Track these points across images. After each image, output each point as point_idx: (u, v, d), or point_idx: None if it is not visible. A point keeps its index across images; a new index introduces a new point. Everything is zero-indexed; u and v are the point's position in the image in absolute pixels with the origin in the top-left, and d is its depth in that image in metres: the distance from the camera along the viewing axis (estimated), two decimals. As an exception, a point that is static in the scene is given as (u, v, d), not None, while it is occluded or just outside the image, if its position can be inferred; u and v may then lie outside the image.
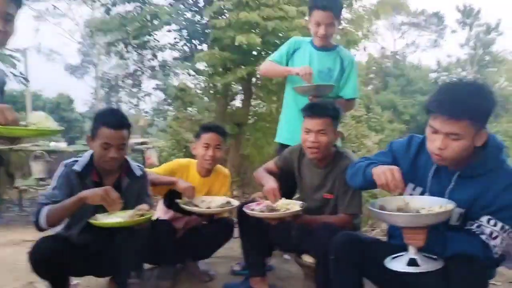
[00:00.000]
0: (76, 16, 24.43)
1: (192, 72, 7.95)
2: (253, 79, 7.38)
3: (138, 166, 2.33)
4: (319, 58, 2.84)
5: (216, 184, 2.80)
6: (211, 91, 7.43)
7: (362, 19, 7.22)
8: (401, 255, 1.67)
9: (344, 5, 6.97)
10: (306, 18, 2.87)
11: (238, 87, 7.68)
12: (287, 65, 2.88)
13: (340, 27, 6.68)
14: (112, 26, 6.74)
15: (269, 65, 2.97)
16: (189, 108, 9.85)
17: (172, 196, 2.61)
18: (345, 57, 2.89)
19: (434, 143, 1.61)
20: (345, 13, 7.34)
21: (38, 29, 32.09)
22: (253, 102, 7.78)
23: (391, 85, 24.00)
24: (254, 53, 5.99)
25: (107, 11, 6.79)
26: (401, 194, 1.73)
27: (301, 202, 2.29)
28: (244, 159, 7.57)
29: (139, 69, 8.39)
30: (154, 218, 2.21)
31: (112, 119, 2.11)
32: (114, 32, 7.04)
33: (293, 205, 2.24)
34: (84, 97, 30.05)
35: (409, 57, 30.48)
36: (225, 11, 5.77)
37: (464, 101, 1.53)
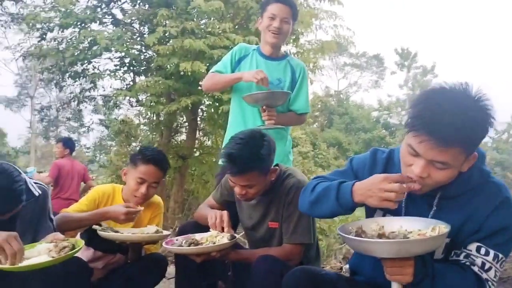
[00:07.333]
0: (11, 45, 23.08)
1: (134, 104, 7.63)
2: (199, 111, 7.17)
3: (36, 183, 1.88)
4: (267, 68, 2.46)
5: (147, 214, 2.35)
6: (154, 123, 7.11)
7: (309, 53, 7.26)
8: None
9: (291, 40, 7.05)
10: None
11: (183, 120, 7.41)
12: None
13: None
14: (47, 51, 6.31)
15: (212, 77, 2.53)
16: (133, 143, 9.51)
17: (92, 231, 2.11)
18: (296, 67, 2.55)
19: (413, 169, 1.26)
20: (291, 47, 7.41)
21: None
22: (198, 135, 7.53)
23: (336, 122, 24.73)
24: (200, 83, 5.73)
25: (42, 36, 6.36)
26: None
27: (230, 234, 1.87)
28: (188, 195, 7.20)
29: (77, 99, 7.92)
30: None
31: None
32: (50, 58, 6.62)
33: (221, 238, 1.86)
34: (20, 131, 28.13)
35: (352, 96, 31.69)
36: (168, 39, 5.56)
37: (458, 126, 1.17)
